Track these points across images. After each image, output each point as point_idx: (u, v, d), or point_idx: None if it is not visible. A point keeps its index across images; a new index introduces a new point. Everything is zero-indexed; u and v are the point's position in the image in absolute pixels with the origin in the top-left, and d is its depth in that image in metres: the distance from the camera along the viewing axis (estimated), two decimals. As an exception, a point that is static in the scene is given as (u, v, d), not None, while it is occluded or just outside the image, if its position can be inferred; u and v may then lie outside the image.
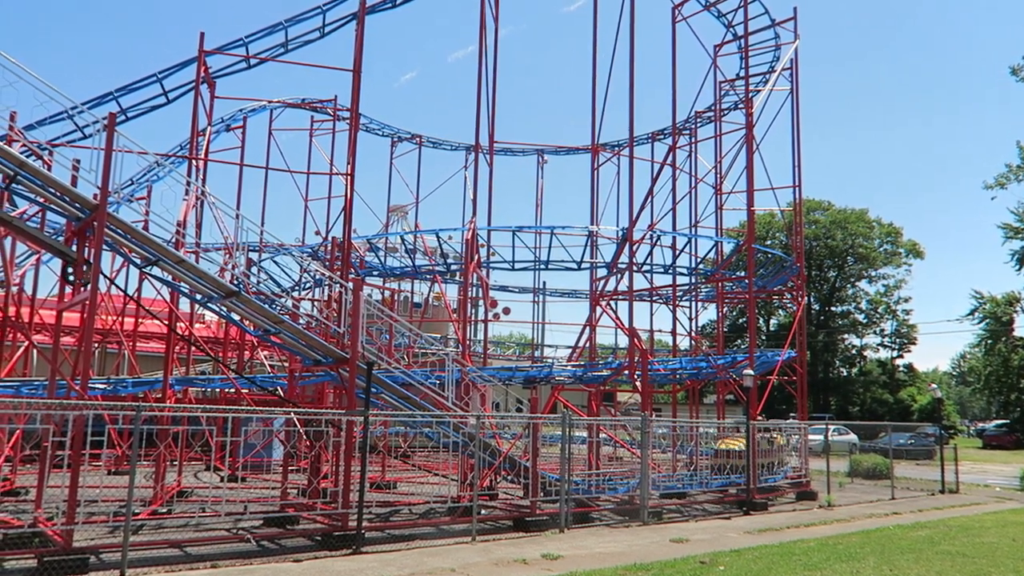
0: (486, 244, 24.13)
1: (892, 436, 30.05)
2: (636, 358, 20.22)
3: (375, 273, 29.08)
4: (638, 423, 16.84)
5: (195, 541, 11.67)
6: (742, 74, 26.37)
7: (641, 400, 19.12)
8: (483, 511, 14.35)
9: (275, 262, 27.30)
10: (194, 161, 17.70)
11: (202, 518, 12.41)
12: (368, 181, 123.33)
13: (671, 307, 28.11)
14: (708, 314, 61.04)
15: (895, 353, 71.23)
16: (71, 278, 11.77)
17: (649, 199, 23.90)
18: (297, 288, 28.29)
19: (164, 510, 13.99)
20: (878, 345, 71.58)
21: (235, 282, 13.09)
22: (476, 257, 21.18)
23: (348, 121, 22.07)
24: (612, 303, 23.28)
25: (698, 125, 31.61)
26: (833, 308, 70.30)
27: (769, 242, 60.42)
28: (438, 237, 25.33)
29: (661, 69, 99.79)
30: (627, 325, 20.59)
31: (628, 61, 21.53)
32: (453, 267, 28.03)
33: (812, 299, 67.51)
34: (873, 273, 69.29)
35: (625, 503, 16.63)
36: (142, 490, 15.46)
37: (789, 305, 35.59)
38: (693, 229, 28.99)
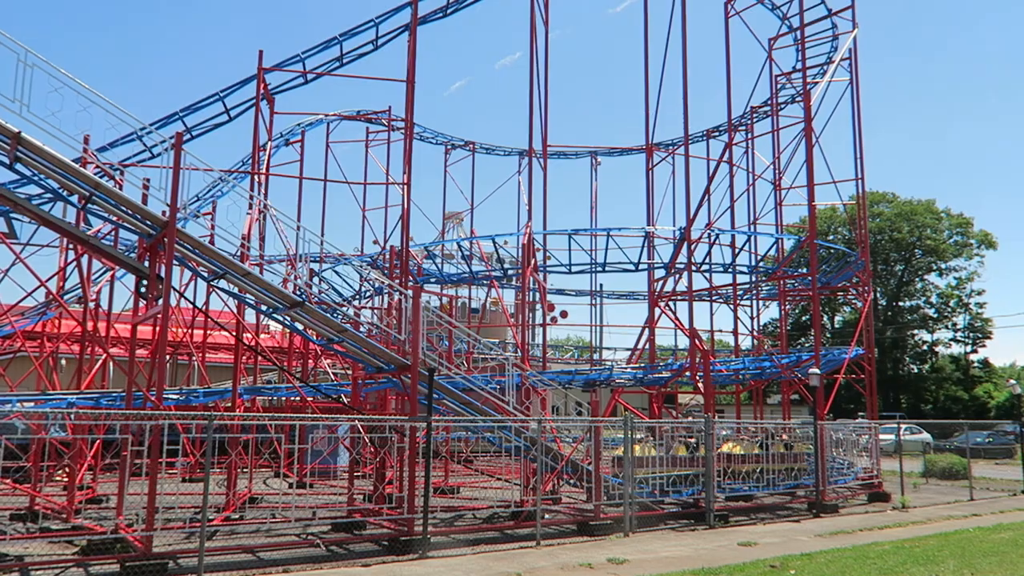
0: (542, 248, 24.15)
1: (969, 434, 28.96)
2: (697, 359, 19.95)
3: (432, 280, 29.39)
4: (701, 425, 16.61)
5: (267, 546, 11.97)
6: (799, 66, 25.84)
7: (704, 401, 18.84)
8: (546, 515, 14.34)
9: (336, 272, 27.84)
10: (256, 176, 18.19)
11: (273, 524, 12.74)
12: (423, 189, 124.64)
13: (732, 306, 27.65)
14: (770, 312, 59.96)
15: (969, 348, 68.50)
16: (144, 293, 12.23)
17: (706, 197, 23.58)
18: (358, 297, 28.77)
19: (236, 516, 14.39)
20: (950, 340, 68.94)
21: (298, 293, 13.41)
22: (533, 261, 21.22)
23: (402, 131, 22.39)
24: (671, 304, 23.04)
25: (754, 120, 31.05)
26: (901, 303, 68.06)
27: (831, 237, 58.91)
28: (494, 242, 25.47)
29: (714, 66, 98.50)
30: (687, 326, 20.33)
31: (681, 59, 21.34)
32: (510, 272, 28.13)
33: (878, 294, 65.49)
34: (943, 266, 66.75)
35: (690, 506, 16.42)
36: (215, 497, 15.93)
37: (854, 301, 34.64)
38: (752, 226, 28.50)
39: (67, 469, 15.90)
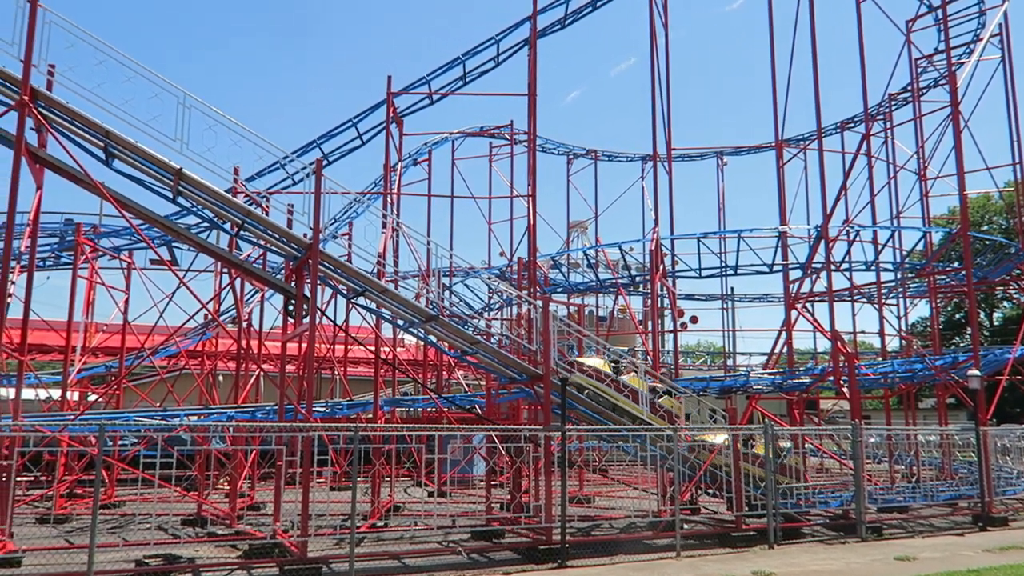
0: (670, 253, 23.75)
1: None
2: (841, 362, 18.97)
3: (559, 289, 29.52)
4: (847, 432, 15.78)
5: (411, 553, 12.39)
6: (941, 47, 24.19)
7: (851, 407, 17.89)
8: (685, 526, 14.04)
9: (465, 285, 28.53)
10: (388, 195, 18.97)
11: (416, 531, 13.17)
12: (547, 200, 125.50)
13: (876, 306, 26.12)
14: (918, 311, 56.19)
15: None
16: (292, 312, 13.00)
17: (843, 193, 22.47)
18: (487, 309, 29.33)
19: (381, 523, 14.98)
20: None
21: (432, 307, 13.85)
22: (661, 267, 20.91)
23: (525, 144, 22.69)
24: (809, 305, 22.04)
25: (893, 108, 29.27)
26: (1072, 296, 61.90)
27: (986, 228, 54.46)
28: (620, 249, 25.29)
29: (843, 55, 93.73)
30: (828, 328, 19.40)
31: (810, 50, 20.48)
32: (637, 278, 27.84)
33: (1044, 287, 59.84)
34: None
35: (839, 517, 15.61)
36: (360, 504, 16.65)
37: (1016, 296, 31.91)
38: (896, 221, 26.86)
39: (228, 478, 17.11)
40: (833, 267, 20.41)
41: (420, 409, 24.38)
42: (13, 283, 12.14)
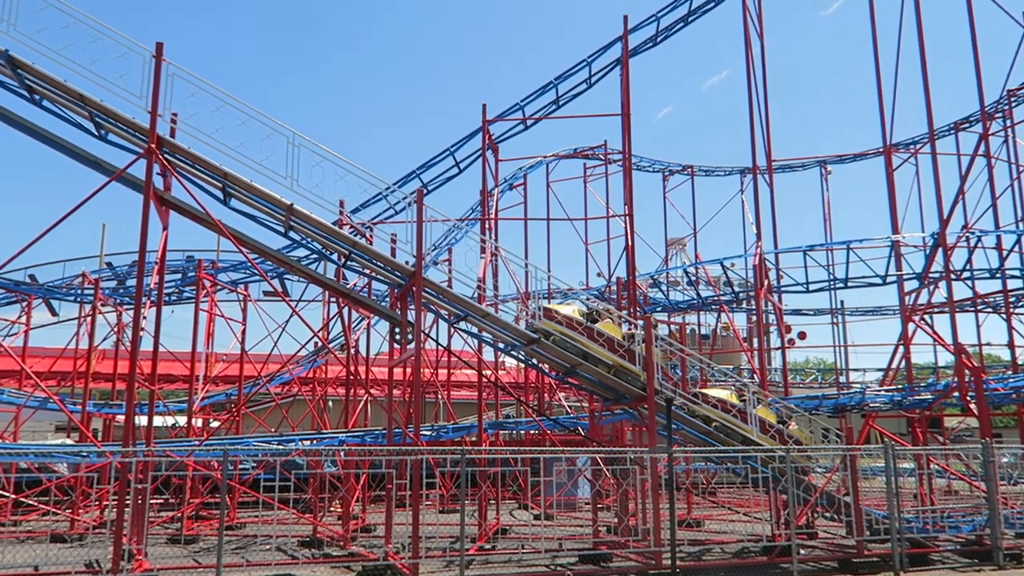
0: (774, 267, 23.06)
1: None
2: (967, 377, 17.85)
3: (659, 308, 29.10)
4: (976, 451, 14.80)
5: (520, 576, 12.41)
6: (1066, 38, 22.61)
7: (980, 425, 16.78)
8: (802, 551, 13.48)
9: (564, 306, 28.44)
10: (486, 221, 19.29)
11: (524, 554, 13.18)
12: (643, 218, 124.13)
13: (1004, 315, 24.45)
14: (1052, 320, 52.07)
15: None
16: (397, 337, 13.37)
17: (960, 197, 21.27)
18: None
19: (489, 546, 15.08)
20: None
21: (531, 329, 13.94)
22: (766, 282, 20.32)
23: (619, 163, 22.63)
24: (928, 317, 20.89)
25: (1013, 105, 27.54)
26: None
27: None
28: (722, 265, 24.72)
29: (953, 51, 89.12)
30: (951, 341, 18.31)
31: (918, 49, 19.61)
32: (740, 295, 27.12)
33: None
34: None
35: (971, 543, 14.59)
36: (468, 527, 16.82)
37: None
38: (1021, 224, 25.15)
39: (341, 500, 17.65)
40: (953, 276, 19.30)
41: (523, 431, 24.46)
42: (145, 318, 13.02)
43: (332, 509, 19.87)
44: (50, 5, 11.12)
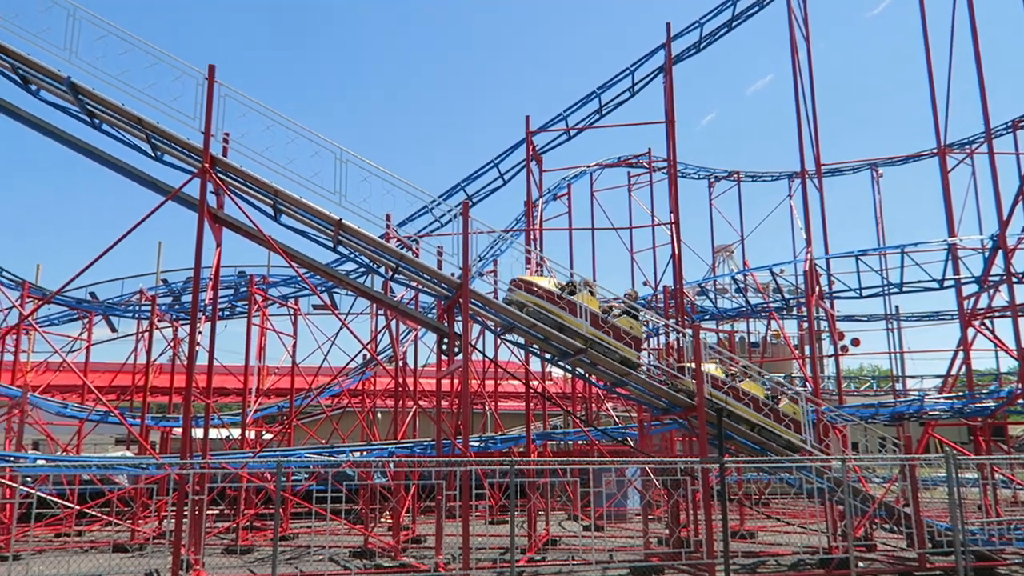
0: (825, 273, 22.60)
1: None
2: (1031, 384, 17.23)
3: (707, 316, 28.73)
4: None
5: (571, 588, 12.34)
6: None
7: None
8: (860, 564, 13.13)
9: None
10: (531, 231, 19.33)
11: (574, 566, 13.10)
12: (689, 225, 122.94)
13: (1069, 319, 23.52)
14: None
15: None
16: (445, 349, 13.47)
17: (1020, 197, 20.55)
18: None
19: (539, 557, 15.03)
20: None
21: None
22: (817, 288, 19.93)
23: (663, 171, 22.49)
24: (988, 322, 20.23)
25: (1074, 101, 26.62)
26: None
27: None
28: (771, 272, 24.32)
29: (1008, 48, 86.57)
30: (1014, 346, 17.71)
31: (972, 46, 19.10)
32: (791, 302, 26.63)
33: None
34: None
35: (1043, 557, 14.04)
36: (518, 538, 16.80)
37: None
38: (1087, 223, 24.23)
39: (391, 511, 17.79)
40: (1015, 279, 18.67)
41: (571, 442, 24.35)
42: (200, 332, 13.36)
43: (383, 520, 20.03)
44: (110, 33, 11.54)
